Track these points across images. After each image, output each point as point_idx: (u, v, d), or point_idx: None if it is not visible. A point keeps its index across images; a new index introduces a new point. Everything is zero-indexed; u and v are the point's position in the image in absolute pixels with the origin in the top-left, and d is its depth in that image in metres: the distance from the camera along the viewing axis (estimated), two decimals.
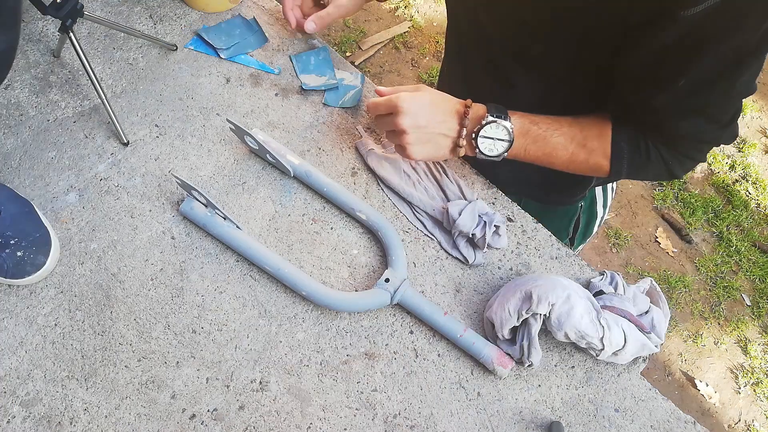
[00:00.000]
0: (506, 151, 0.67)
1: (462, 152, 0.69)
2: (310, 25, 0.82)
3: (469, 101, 0.68)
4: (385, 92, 0.70)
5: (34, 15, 0.84)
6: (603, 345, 0.62)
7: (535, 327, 0.62)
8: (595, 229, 1.02)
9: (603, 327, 0.62)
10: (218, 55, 0.84)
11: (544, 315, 0.62)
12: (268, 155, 0.72)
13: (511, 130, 0.66)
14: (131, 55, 0.83)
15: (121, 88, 0.80)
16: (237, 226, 0.68)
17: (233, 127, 0.70)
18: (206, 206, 0.68)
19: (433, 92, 0.69)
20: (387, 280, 0.67)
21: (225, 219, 0.68)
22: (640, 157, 0.68)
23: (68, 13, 0.69)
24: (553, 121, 0.69)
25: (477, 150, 0.68)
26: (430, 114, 0.66)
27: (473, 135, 0.67)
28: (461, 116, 0.67)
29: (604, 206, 0.99)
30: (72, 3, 0.69)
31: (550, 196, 0.93)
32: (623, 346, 0.63)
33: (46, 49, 0.81)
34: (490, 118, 0.66)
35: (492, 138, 0.67)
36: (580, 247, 1.04)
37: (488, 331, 0.67)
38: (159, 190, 0.73)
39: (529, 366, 0.64)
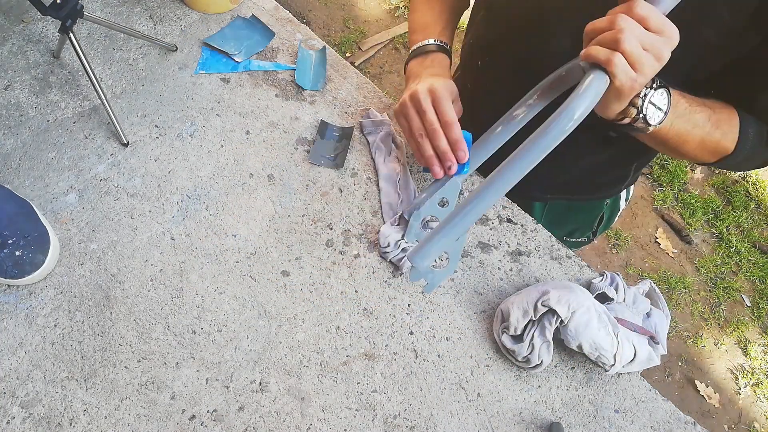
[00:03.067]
0: (661, 122, 0.59)
1: (631, 114, 0.59)
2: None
3: None
4: None
5: (34, 15, 0.84)
6: (615, 360, 0.62)
7: (549, 329, 0.62)
8: (615, 220, 1.04)
9: (618, 342, 0.62)
10: (234, 60, 0.83)
11: (561, 320, 0.62)
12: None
13: (669, 101, 0.59)
14: (131, 55, 0.83)
15: (120, 88, 0.80)
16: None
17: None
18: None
19: None
20: None
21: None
22: (759, 145, 0.67)
23: (68, 14, 0.69)
24: (692, 99, 0.63)
25: (642, 114, 0.58)
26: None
27: (643, 96, 0.58)
28: None
29: (626, 200, 1.00)
30: (72, 3, 0.69)
31: (587, 194, 0.93)
32: (631, 361, 0.64)
33: (46, 50, 0.81)
34: (659, 83, 0.57)
35: (655, 105, 0.58)
36: (598, 237, 1.07)
37: (495, 326, 0.67)
38: (159, 190, 0.73)
39: (536, 366, 0.64)
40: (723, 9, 0.58)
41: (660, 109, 0.59)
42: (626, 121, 0.59)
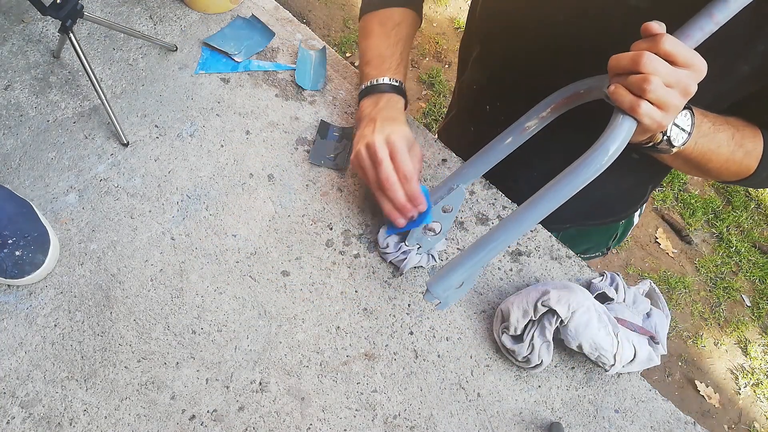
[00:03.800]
0: (685, 143, 0.60)
1: (656, 138, 0.60)
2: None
3: None
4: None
5: (34, 15, 0.84)
6: (615, 360, 0.62)
7: (549, 329, 0.62)
8: (628, 234, 1.03)
9: (618, 342, 0.62)
10: (234, 60, 0.83)
11: (561, 320, 0.62)
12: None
13: (693, 122, 0.59)
14: (131, 55, 0.83)
15: (120, 88, 0.80)
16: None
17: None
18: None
19: None
20: None
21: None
22: None
23: (68, 14, 0.69)
24: (715, 117, 0.62)
25: (666, 137, 0.58)
26: None
27: None
28: None
29: (639, 214, 0.99)
30: (72, 3, 0.69)
31: (604, 218, 0.93)
32: (631, 360, 0.64)
33: (46, 50, 0.81)
34: None
35: (679, 127, 0.59)
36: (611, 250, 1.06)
37: (495, 326, 0.67)
38: (159, 190, 0.73)
39: (536, 366, 0.64)
40: (764, 43, 0.57)
41: (684, 130, 0.59)
42: (650, 143, 0.60)
